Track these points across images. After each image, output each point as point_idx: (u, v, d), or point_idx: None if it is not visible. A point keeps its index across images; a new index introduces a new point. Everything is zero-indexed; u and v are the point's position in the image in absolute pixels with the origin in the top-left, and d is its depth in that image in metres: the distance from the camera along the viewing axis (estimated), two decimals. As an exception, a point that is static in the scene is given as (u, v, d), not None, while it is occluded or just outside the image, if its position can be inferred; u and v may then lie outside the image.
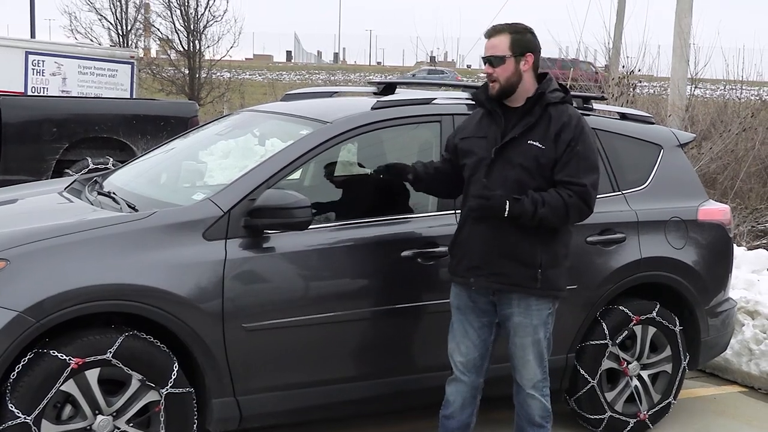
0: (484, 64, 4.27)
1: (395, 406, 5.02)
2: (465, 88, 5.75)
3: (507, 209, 4.08)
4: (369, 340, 4.72)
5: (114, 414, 4.12)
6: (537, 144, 4.19)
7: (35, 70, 17.54)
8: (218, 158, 6.61)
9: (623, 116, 5.88)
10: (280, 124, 5.48)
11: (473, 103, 4.55)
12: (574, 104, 5.55)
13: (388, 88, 5.46)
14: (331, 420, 4.83)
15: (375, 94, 5.44)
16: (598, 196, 5.30)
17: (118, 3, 34.34)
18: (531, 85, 4.29)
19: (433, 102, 5.11)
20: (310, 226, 4.42)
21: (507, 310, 4.31)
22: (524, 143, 4.20)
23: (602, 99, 6.03)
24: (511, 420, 4.58)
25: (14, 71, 16.96)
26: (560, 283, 4.33)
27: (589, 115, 5.53)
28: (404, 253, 4.67)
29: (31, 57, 17.49)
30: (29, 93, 17.10)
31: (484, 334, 4.41)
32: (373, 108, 4.96)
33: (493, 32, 4.29)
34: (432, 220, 4.79)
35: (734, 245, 6.17)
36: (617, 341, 5.29)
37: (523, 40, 4.27)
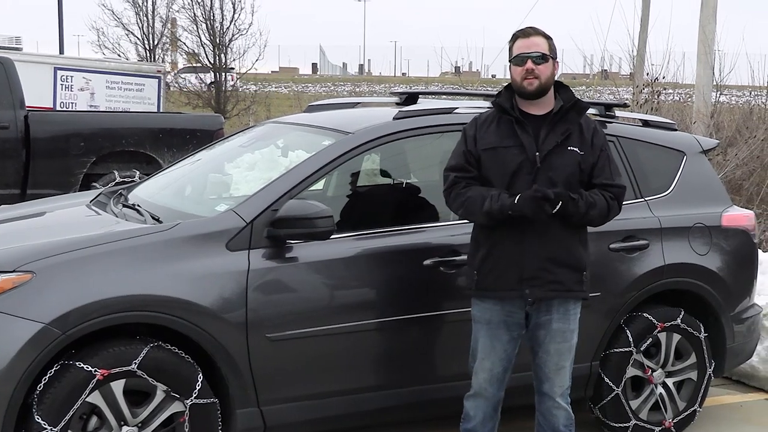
0: (521, 63, 4.21)
1: (420, 415, 5.03)
2: (486, 97, 5.75)
3: (558, 206, 4.06)
4: (392, 349, 4.73)
5: (139, 425, 4.14)
6: (577, 150, 4.22)
7: (64, 86, 17.70)
8: (244, 170, 6.64)
9: (646, 123, 5.87)
10: (303, 135, 5.51)
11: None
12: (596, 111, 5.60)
13: (410, 98, 5.45)
14: (355, 429, 4.84)
15: (397, 104, 5.45)
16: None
17: (145, 18, 34.55)
18: (552, 90, 4.31)
19: (455, 111, 5.12)
20: (333, 236, 4.45)
21: (545, 316, 4.29)
22: (565, 150, 4.21)
23: (624, 106, 6.02)
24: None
25: (43, 87, 17.10)
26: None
27: (611, 122, 5.54)
28: (426, 262, 4.68)
29: (59, 72, 17.64)
30: (58, 108, 17.25)
31: (510, 348, 4.39)
32: (394, 118, 4.98)
33: (532, 32, 4.29)
34: (453, 228, 4.79)
35: (759, 251, 6.13)
36: (642, 348, 5.27)
37: (554, 46, 4.32)
